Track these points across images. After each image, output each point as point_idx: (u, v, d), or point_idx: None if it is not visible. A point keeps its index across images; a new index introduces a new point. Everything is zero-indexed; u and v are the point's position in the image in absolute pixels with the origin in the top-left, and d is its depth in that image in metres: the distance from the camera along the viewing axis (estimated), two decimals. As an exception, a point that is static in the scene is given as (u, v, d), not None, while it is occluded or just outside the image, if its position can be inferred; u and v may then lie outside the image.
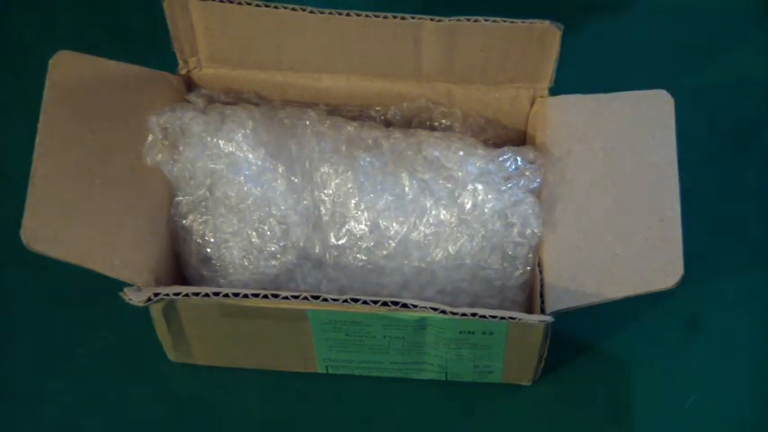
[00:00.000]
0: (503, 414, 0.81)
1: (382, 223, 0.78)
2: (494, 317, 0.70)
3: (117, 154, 0.76)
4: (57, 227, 0.72)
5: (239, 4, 0.77)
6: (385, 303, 0.70)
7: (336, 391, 0.81)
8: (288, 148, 0.80)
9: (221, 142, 0.79)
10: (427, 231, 0.78)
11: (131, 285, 0.73)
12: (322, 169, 0.79)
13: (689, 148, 0.77)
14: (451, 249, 0.78)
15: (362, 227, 0.78)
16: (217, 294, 0.71)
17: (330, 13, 0.77)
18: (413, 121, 0.83)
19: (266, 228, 0.79)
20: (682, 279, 0.71)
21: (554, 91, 0.80)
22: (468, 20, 0.77)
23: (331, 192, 0.79)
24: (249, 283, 0.79)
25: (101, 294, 0.81)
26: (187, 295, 0.71)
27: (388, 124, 0.83)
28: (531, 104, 0.82)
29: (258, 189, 0.79)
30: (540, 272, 0.76)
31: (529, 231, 0.77)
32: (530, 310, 0.79)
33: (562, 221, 0.76)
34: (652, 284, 0.72)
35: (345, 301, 0.70)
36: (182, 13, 0.79)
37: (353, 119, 0.82)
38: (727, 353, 0.83)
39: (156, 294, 0.71)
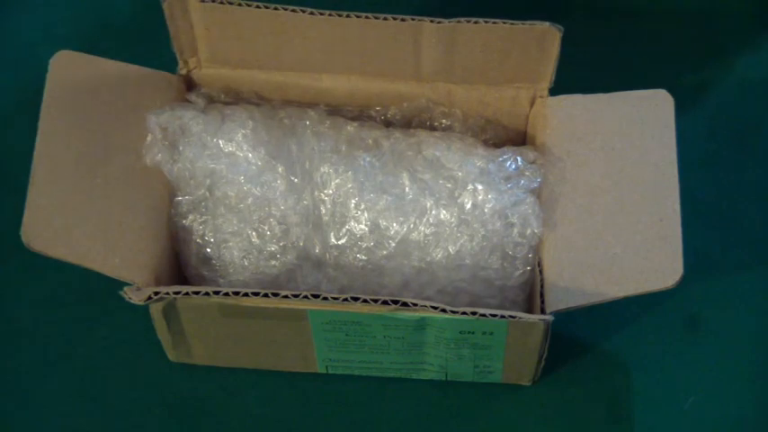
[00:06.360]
0: (503, 414, 0.81)
1: (382, 223, 0.78)
2: (494, 315, 0.70)
3: (117, 154, 0.76)
4: (57, 227, 0.72)
5: (239, 5, 0.77)
6: (385, 302, 0.70)
7: (336, 391, 0.81)
8: (288, 148, 0.80)
9: (221, 142, 0.79)
10: (427, 231, 0.78)
11: (131, 285, 0.73)
12: (322, 169, 0.79)
13: (689, 148, 0.77)
14: (451, 249, 0.78)
15: (362, 227, 0.78)
16: (217, 293, 0.71)
17: (330, 15, 0.77)
18: (413, 121, 0.83)
19: (266, 228, 0.79)
20: (681, 279, 0.71)
21: (554, 91, 0.80)
22: (469, 21, 0.77)
23: (331, 192, 0.79)
24: (249, 283, 0.79)
25: (101, 294, 0.81)
26: (187, 294, 0.71)
27: (388, 124, 0.83)
28: (531, 104, 0.82)
29: (258, 189, 0.79)
30: (540, 272, 0.76)
31: (529, 231, 0.77)
32: (530, 310, 0.79)
33: (562, 221, 0.76)
34: (652, 284, 0.72)
35: (345, 299, 0.70)
36: (182, 14, 0.79)
37: (353, 119, 0.82)
38: (727, 353, 0.83)
39: (156, 293, 0.71)
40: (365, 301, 0.70)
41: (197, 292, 0.71)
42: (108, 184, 0.75)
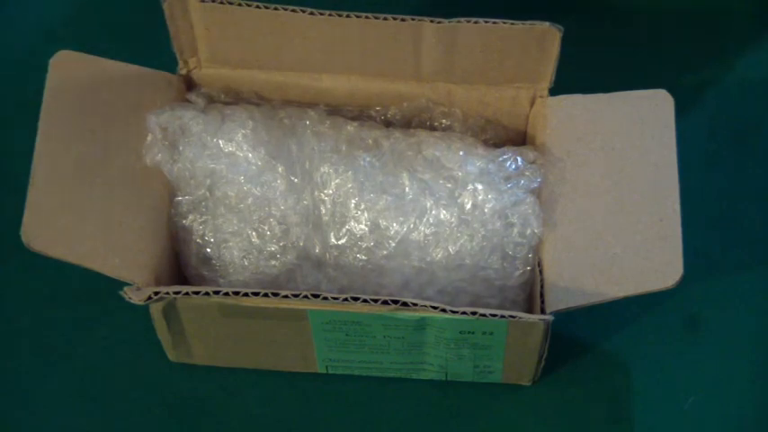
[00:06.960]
0: (503, 414, 0.81)
1: (382, 223, 0.78)
2: (494, 315, 0.70)
3: (117, 154, 0.76)
4: (56, 227, 0.72)
5: (239, 5, 0.77)
6: (385, 302, 0.70)
7: (336, 391, 0.81)
8: (288, 148, 0.80)
9: (221, 142, 0.79)
10: (427, 231, 0.78)
11: (131, 285, 0.73)
12: (322, 169, 0.79)
13: (689, 148, 0.77)
14: (451, 249, 0.78)
15: (362, 227, 0.78)
16: (217, 293, 0.71)
17: (330, 15, 0.77)
18: (413, 121, 0.83)
19: (266, 228, 0.79)
20: (681, 279, 0.71)
21: (554, 91, 0.80)
22: (468, 21, 0.77)
23: (331, 192, 0.79)
24: (249, 283, 0.79)
25: (101, 294, 0.81)
26: (187, 294, 0.71)
27: (388, 124, 0.83)
28: (531, 104, 0.82)
29: (258, 189, 0.79)
30: (540, 272, 0.76)
31: (529, 231, 0.77)
32: (530, 310, 0.79)
33: (562, 221, 0.76)
34: (652, 284, 0.72)
35: (345, 299, 0.70)
36: (182, 14, 0.79)
37: (353, 119, 0.82)
38: (727, 353, 0.83)
39: (156, 293, 0.71)
40: (365, 301, 0.70)
41: (197, 292, 0.71)
42: (108, 184, 0.75)
